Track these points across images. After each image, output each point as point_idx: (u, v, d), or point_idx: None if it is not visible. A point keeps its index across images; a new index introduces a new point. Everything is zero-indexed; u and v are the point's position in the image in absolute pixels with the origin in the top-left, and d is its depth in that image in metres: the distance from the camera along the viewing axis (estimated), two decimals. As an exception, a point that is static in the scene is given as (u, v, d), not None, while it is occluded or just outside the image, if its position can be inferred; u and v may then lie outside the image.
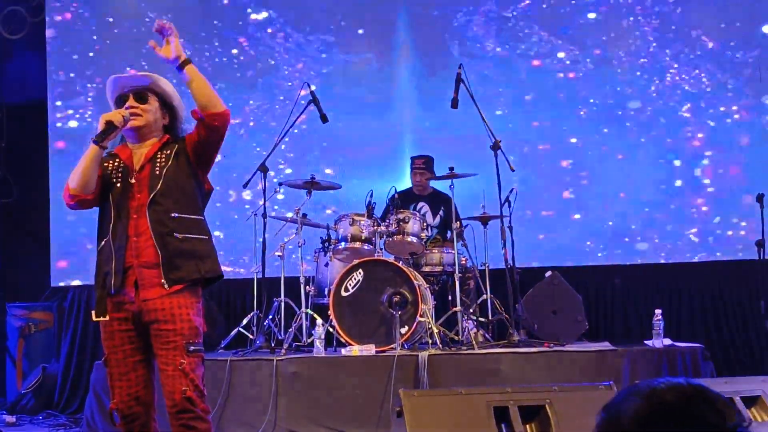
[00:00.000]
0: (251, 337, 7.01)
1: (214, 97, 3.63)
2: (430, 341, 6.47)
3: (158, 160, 3.70)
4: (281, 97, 8.56)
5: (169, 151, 3.73)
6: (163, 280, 3.56)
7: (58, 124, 8.76)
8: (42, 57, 8.86)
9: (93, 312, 3.72)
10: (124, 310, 3.61)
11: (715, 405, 1.54)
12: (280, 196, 7.58)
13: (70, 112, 8.78)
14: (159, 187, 3.63)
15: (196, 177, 3.73)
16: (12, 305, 8.78)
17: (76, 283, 8.44)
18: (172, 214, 3.62)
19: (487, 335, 6.89)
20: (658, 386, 1.57)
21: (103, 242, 3.68)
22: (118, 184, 3.68)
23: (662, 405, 1.54)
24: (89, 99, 8.74)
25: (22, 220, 9.07)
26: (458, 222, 7.09)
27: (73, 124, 8.75)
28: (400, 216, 6.93)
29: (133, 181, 3.67)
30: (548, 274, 7.19)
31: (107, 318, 3.65)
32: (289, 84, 8.57)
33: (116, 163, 3.74)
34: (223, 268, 3.86)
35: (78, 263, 8.45)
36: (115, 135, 3.64)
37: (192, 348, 3.54)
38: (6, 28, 9.05)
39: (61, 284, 8.63)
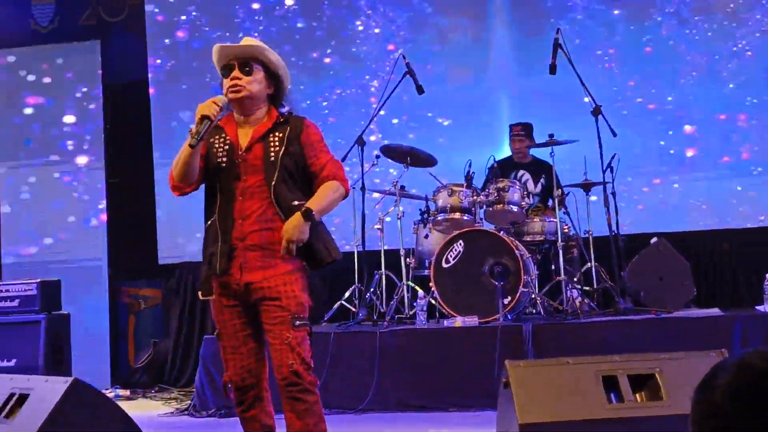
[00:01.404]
0: (353, 310, 7.05)
1: (337, 201, 3.71)
2: (534, 311, 6.40)
3: (271, 143, 3.65)
4: (374, 66, 8.53)
5: (281, 134, 3.67)
6: (264, 264, 3.58)
7: (160, 104, 8.92)
8: (142, 38, 9.02)
9: (199, 291, 3.75)
10: (230, 289, 3.64)
11: None
12: (377, 169, 7.56)
13: (170, 89, 8.92)
14: (272, 172, 3.60)
15: (306, 168, 3.70)
16: (122, 283, 9.04)
17: (182, 260, 8.59)
18: (288, 204, 3.59)
19: (592, 304, 6.78)
20: (746, 355, 1.51)
21: (209, 221, 3.69)
22: (224, 164, 3.66)
23: (752, 372, 1.48)
24: (188, 79, 8.86)
25: (129, 200, 9.29)
26: (560, 189, 6.97)
27: (172, 101, 8.88)
28: (500, 185, 6.86)
29: (239, 161, 3.65)
30: (654, 240, 7.03)
31: (213, 297, 3.68)
32: (385, 55, 8.53)
33: (222, 139, 3.71)
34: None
35: (184, 241, 8.62)
36: (212, 126, 3.61)
37: (298, 323, 3.55)
38: (106, 11, 9.25)
39: (169, 262, 8.80)
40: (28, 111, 9.21)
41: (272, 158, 3.63)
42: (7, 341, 7.23)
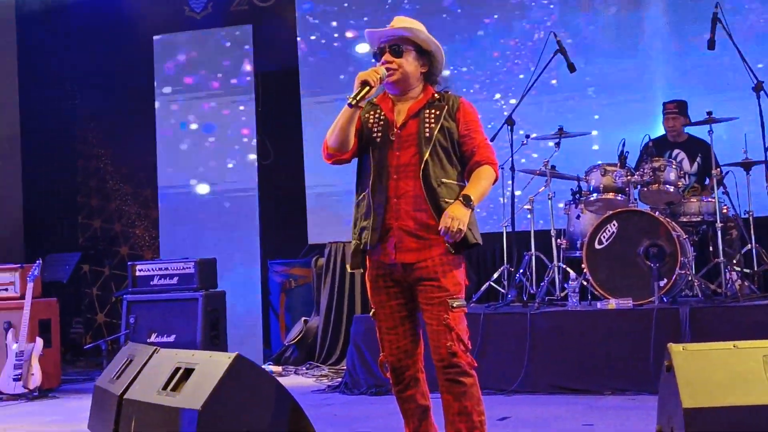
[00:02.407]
0: (502, 291, 7.01)
1: (491, 186, 3.68)
2: (691, 294, 6.21)
3: (426, 120, 3.65)
4: (529, 44, 8.42)
5: (437, 111, 3.67)
6: (420, 246, 3.57)
7: (309, 87, 9.05)
8: (292, 22, 9.17)
9: (348, 264, 3.79)
10: (386, 268, 3.66)
11: None
12: (528, 151, 7.47)
13: (320, 73, 9.04)
14: (427, 150, 3.59)
15: (460, 146, 3.68)
16: (273, 262, 9.25)
17: (332, 240, 8.71)
18: (441, 180, 3.59)
19: (752, 287, 6.53)
20: None
21: (361, 196, 3.71)
22: (378, 139, 3.67)
23: None
24: (339, 63, 8.95)
25: (279, 181, 9.51)
26: (718, 169, 6.72)
27: (321, 85, 9.00)
28: (655, 164, 6.67)
29: (393, 137, 3.66)
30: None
31: (362, 270, 3.71)
32: (534, 33, 8.41)
33: (377, 115, 3.73)
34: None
35: (333, 221, 8.73)
36: (371, 93, 3.64)
37: (456, 303, 3.54)
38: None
39: (318, 242, 8.94)
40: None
41: (427, 134, 3.63)
42: (167, 317, 7.52)
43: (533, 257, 6.95)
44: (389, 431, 5.15)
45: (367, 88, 3.57)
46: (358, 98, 3.56)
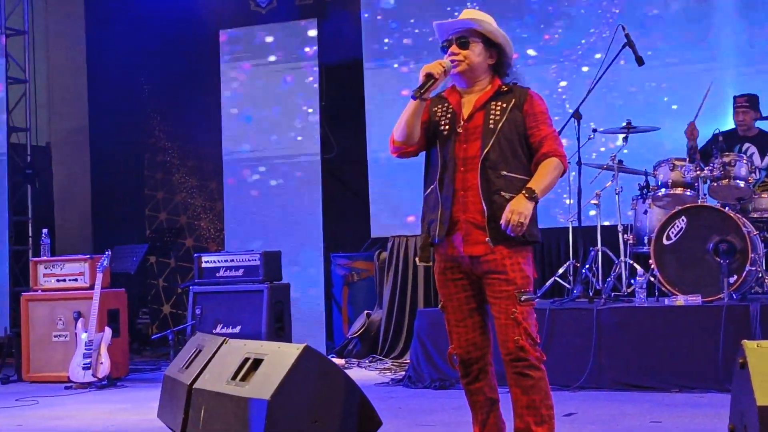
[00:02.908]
0: (567, 286, 6.96)
1: (557, 179, 3.64)
2: (761, 291, 6.10)
3: (492, 112, 3.64)
4: (591, 38, 8.33)
5: (504, 104, 3.65)
6: (487, 239, 3.55)
7: (374, 82, 9.06)
8: (357, 16, 9.18)
9: (417, 258, 3.79)
10: (454, 261, 3.65)
11: None
12: (594, 145, 7.39)
13: (384, 67, 9.04)
14: (491, 142, 3.58)
15: (527, 139, 3.66)
16: (336, 255, 9.28)
17: (395, 234, 8.71)
18: (502, 173, 3.57)
19: (828, 285, 6.39)
20: None
21: (429, 189, 3.70)
22: (445, 132, 3.67)
23: None
24: (403, 57, 8.95)
25: (342, 174, 9.54)
26: (791, 164, 6.60)
27: (386, 79, 9.00)
28: (725, 159, 6.56)
29: (460, 130, 3.65)
30: None
31: (430, 264, 3.70)
32: (600, 25, 8.32)
33: (444, 108, 3.72)
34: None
35: (396, 214, 8.73)
36: (436, 86, 3.63)
37: (524, 297, 3.53)
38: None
39: (381, 235, 8.96)
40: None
41: (491, 125, 3.61)
42: (232, 309, 7.60)
43: (599, 252, 6.88)
44: (453, 425, 5.14)
45: (432, 80, 3.57)
46: (422, 91, 3.56)
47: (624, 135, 7.01)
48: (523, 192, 3.53)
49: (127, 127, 10.90)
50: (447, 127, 3.68)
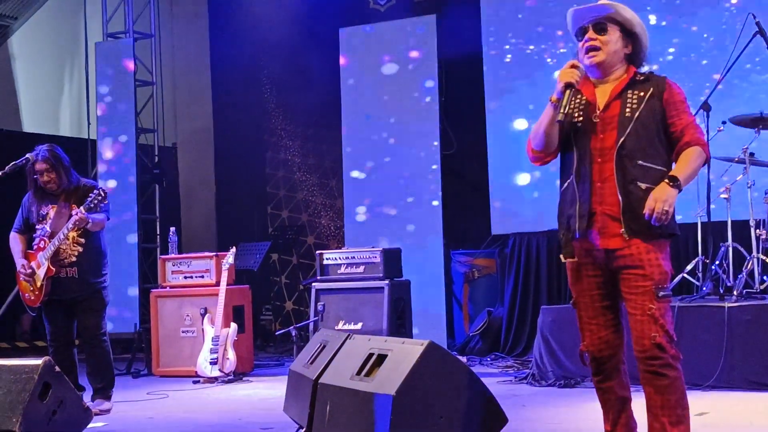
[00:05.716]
0: (696, 283, 6.75)
1: (700, 168, 3.56)
2: None
3: (629, 100, 3.54)
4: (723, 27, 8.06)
5: (641, 93, 3.55)
6: (622, 230, 3.46)
7: (493, 76, 8.98)
8: (476, 11, 9.12)
9: (561, 255, 3.69)
10: (591, 256, 3.57)
11: None
12: (723, 137, 7.13)
13: (505, 65, 8.95)
14: (628, 130, 3.49)
15: (666, 128, 3.55)
16: (456, 252, 9.23)
17: (516, 231, 8.60)
18: (638, 162, 3.47)
19: None
20: None
21: (566, 183, 3.63)
22: (580, 124, 3.59)
23: None
24: (522, 51, 8.84)
25: (463, 171, 9.48)
26: None
27: (506, 74, 8.91)
28: None
29: (596, 120, 3.56)
30: None
31: (575, 259, 3.61)
32: (727, 13, 8.04)
33: (578, 100, 3.63)
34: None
35: (517, 211, 8.60)
36: (575, 93, 3.56)
37: (662, 293, 3.41)
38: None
39: (502, 232, 8.86)
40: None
41: (628, 114, 3.52)
42: (354, 305, 7.64)
43: (730, 248, 6.65)
44: (579, 423, 5.05)
45: (572, 90, 3.51)
46: (565, 107, 3.48)
47: (756, 128, 6.74)
48: (666, 180, 3.43)
49: (249, 126, 11.12)
50: (582, 118, 3.60)
